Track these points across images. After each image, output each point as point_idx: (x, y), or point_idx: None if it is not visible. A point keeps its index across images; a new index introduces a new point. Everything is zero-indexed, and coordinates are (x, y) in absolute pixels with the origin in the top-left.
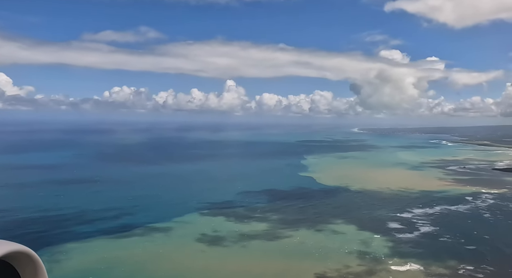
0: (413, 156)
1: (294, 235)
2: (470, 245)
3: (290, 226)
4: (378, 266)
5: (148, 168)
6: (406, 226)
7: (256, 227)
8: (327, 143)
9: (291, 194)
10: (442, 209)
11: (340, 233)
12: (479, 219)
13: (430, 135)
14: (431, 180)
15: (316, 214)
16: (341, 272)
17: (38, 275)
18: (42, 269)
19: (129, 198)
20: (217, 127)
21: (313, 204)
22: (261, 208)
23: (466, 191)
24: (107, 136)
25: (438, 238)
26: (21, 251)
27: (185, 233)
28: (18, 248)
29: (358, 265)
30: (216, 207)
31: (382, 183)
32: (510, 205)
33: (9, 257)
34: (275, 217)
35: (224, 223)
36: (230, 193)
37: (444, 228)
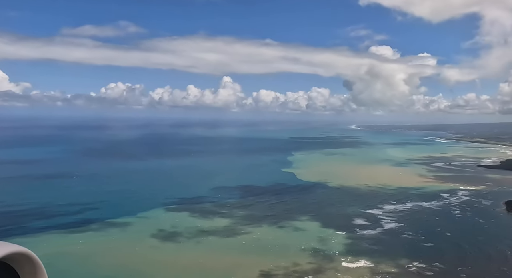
0: (402, 152)
1: (254, 231)
2: (429, 242)
3: (254, 222)
4: (329, 263)
5: (132, 163)
6: (372, 222)
7: (218, 223)
8: (320, 139)
9: (267, 190)
10: (414, 205)
11: (302, 229)
12: (447, 216)
13: (426, 132)
14: (412, 177)
15: (286, 211)
16: (288, 270)
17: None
18: (42, 270)
19: (99, 193)
20: (214, 123)
21: (286, 200)
22: (231, 204)
23: (443, 188)
24: (100, 132)
25: (399, 235)
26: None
27: (142, 228)
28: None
29: (308, 262)
30: (185, 203)
31: (362, 180)
32: (483, 202)
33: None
34: (242, 213)
35: (187, 219)
36: (204, 189)
37: (409, 224)
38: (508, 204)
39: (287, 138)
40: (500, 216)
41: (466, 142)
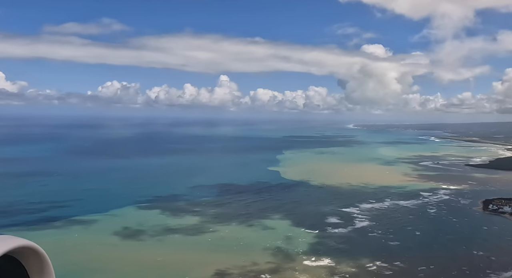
0: (393, 151)
1: (222, 230)
2: (397, 241)
3: (224, 221)
4: (289, 262)
5: (117, 161)
6: (345, 221)
7: (188, 221)
8: (314, 138)
9: (248, 189)
10: (391, 204)
11: (272, 228)
12: (421, 215)
13: (422, 131)
14: (397, 176)
15: (261, 209)
16: (244, 269)
17: (44, 270)
18: (48, 264)
19: (74, 191)
20: (210, 122)
21: (264, 199)
22: (206, 202)
23: (425, 187)
24: (94, 131)
25: (368, 234)
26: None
27: (107, 226)
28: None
29: (267, 262)
30: (160, 200)
31: (346, 178)
32: (462, 201)
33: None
34: (215, 211)
35: (156, 217)
36: (184, 187)
37: (381, 223)
38: (485, 203)
39: (280, 137)
40: (474, 215)
41: (460, 141)
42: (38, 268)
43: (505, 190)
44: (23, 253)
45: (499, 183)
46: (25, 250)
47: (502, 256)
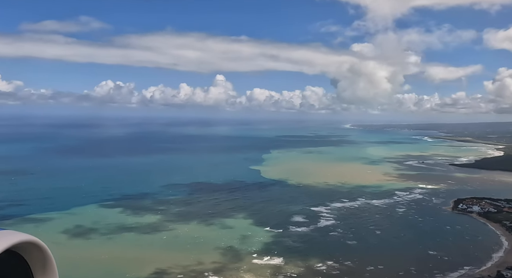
0: (382, 151)
1: (180, 228)
2: (355, 240)
3: (186, 219)
4: (236, 262)
5: (100, 160)
6: (310, 220)
7: (147, 219)
8: (306, 138)
9: (223, 187)
10: (362, 203)
11: (231, 227)
12: (389, 214)
13: (418, 131)
14: (377, 175)
15: (229, 208)
16: (187, 268)
17: (47, 265)
18: (51, 259)
19: (43, 190)
20: (207, 122)
21: (235, 198)
22: (175, 201)
23: (402, 186)
24: (87, 130)
25: (329, 233)
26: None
27: (59, 224)
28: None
29: (213, 261)
30: (127, 199)
31: (325, 177)
32: (435, 200)
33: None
34: (179, 210)
35: (115, 215)
36: (158, 185)
37: (345, 222)
38: (456, 202)
39: (273, 136)
40: (441, 214)
41: (453, 141)
42: (40, 263)
43: (481, 189)
44: (25, 248)
45: (478, 182)
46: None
47: (455, 256)
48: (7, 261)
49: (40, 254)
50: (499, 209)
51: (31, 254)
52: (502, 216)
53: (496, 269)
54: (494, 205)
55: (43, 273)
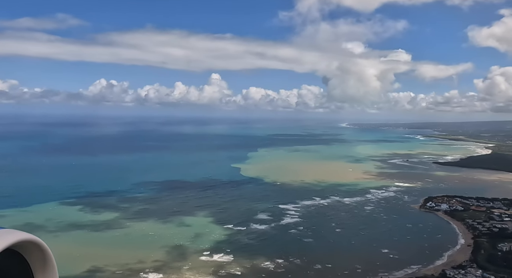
0: (370, 149)
1: (135, 226)
2: (312, 238)
3: (145, 217)
4: (181, 260)
5: (81, 158)
6: (274, 217)
7: (104, 217)
8: (298, 136)
9: (196, 185)
10: (333, 201)
11: (189, 225)
12: (356, 212)
13: (412, 130)
14: (357, 173)
15: (195, 206)
16: (125, 266)
17: (47, 264)
18: (51, 258)
19: (8, 187)
20: (203, 121)
21: (206, 195)
22: (141, 198)
23: (378, 184)
24: (77, 129)
25: (288, 230)
26: (30, 240)
27: (8, 221)
28: (27, 237)
29: (156, 260)
30: (92, 196)
31: (304, 175)
32: (406, 198)
33: (18, 246)
34: (143, 207)
35: (71, 213)
36: (130, 183)
37: (308, 220)
38: (426, 200)
39: (265, 135)
40: (408, 212)
41: (445, 139)
42: (40, 262)
43: (456, 187)
44: (25, 247)
45: (456, 180)
46: (27, 244)
47: (407, 254)
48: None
49: (40, 253)
50: (466, 207)
51: (31, 253)
52: (468, 214)
53: (441, 268)
54: (463, 203)
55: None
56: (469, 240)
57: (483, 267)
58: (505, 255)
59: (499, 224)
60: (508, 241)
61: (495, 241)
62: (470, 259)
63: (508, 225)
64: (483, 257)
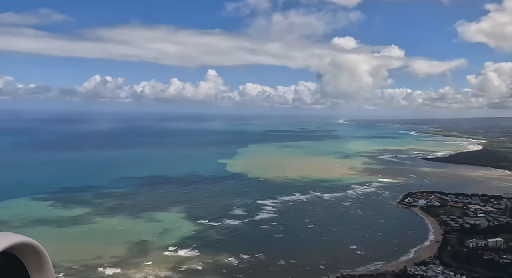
0: (361, 145)
1: (104, 221)
2: (283, 233)
3: (116, 212)
4: (143, 255)
5: (66, 154)
6: (249, 213)
7: (73, 212)
8: (292, 132)
9: (178, 181)
10: (313, 197)
11: (159, 220)
12: (333, 208)
13: (408, 126)
14: (343, 169)
15: (170, 202)
16: (82, 262)
17: (43, 266)
18: (47, 260)
19: None
20: (200, 117)
21: (186, 191)
22: (117, 194)
23: (362, 180)
24: (71, 125)
25: (260, 226)
26: (27, 243)
27: None
28: (23, 239)
29: (117, 255)
30: (67, 192)
31: (289, 171)
32: (386, 194)
33: (15, 249)
34: (116, 203)
35: (40, 208)
36: (110, 178)
37: (283, 215)
38: (405, 196)
39: (259, 131)
40: (385, 208)
41: (438, 135)
42: (37, 265)
43: (439, 183)
44: (22, 249)
45: (441, 176)
46: (24, 247)
47: (374, 251)
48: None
49: (36, 256)
50: (443, 203)
51: (28, 256)
52: (444, 210)
53: (404, 265)
54: (442, 199)
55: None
56: (439, 236)
57: (445, 263)
58: (470, 251)
59: (472, 220)
60: (477, 237)
61: (464, 237)
62: (434, 256)
63: (480, 221)
64: (448, 253)
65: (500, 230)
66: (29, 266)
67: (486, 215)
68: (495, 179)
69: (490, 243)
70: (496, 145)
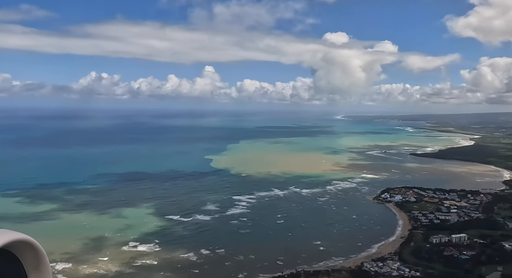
0: (353, 141)
1: (69, 217)
2: (250, 229)
3: (83, 208)
4: (99, 250)
5: (52, 150)
6: (222, 208)
7: (38, 208)
8: (287, 128)
9: (159, 177)
10: (290, 192)
11: (126, 216)
12: (307, 203)
13: (405, 122)
14: (328, 165)
15: (144, 197)
16: None
17: (40, 264)
18: (44, 258)
19: None
20: (199, 114)
21: (164, 187)
22: (92, 190)
23: (344, 176)
24: (65, 122)
25: (229, 221)
26: (23, 240)
27: None
28: (20, 237)
29: (70, 251)
30: (39, 188)
31: (272, 167)
32: (364, 189)
33: (11, 246)
34: (87, 199)
35: (4, 204)
36: (89, 175)
37: (255, 211)
38: (383, 191)
39: (253, 127)
40: (359, 204)
41: (433, 131)
42: (34, 262)
43: (421, 178)
44: (19, 247)
45: (425, 171)
46: (21, 244)
47: (337, 247)
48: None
49: (33, 253)
50: (419, 199)
51: (25, 253)
52: (418, 206)
53: (361, 261)
54: (419, 195)
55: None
56: (406, 232)
57: (404, 259)
58: (432, 247)
59: (444, 215)
60: (443, 233)
61: (431, 233)
62: (395, 252)
63: (451, 217)
64: (409, 249)
65: (468, 225)
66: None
67: (458, 211)
68: (478, 175)
69: (454, 239)
70: (488, 140)
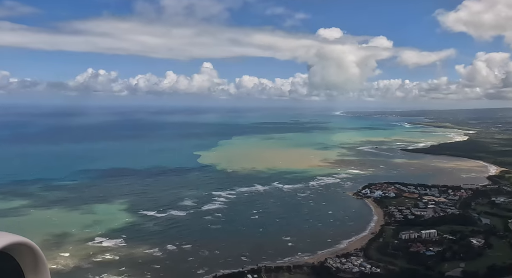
0: (347, 136)
1: (36, 214)
2: (222, 224)
3: (55, 204)
4: (61, 247)
5: (40, 147)
6: (198, 204)
7: (7, 205)
8: (282, 124)
9: (141, 173)
10: (272, 188)
11: (97, 212)
12: (286, 199)
13: (404, 117)
14: (316, 160)
15: (121, 193)
16: None
17: (39, 266)
18: (43, 260)
19: None
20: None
21: (144, 184)
22: (69, 186)
23: (329, 171)
24: (60, 119)
25: (203, 217)
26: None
27: None
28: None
29: None
30: (13, 184)
31: (259, 163)
32: (347, 185)
33: (10, 249)
34: (62, 195)
35: None
36: (70, 171)
37: (231, 207)
38: (364, 187)
39: (249, 123)
40: (338, 199)
41: (430, 127)
42: (32, 265)
43: (406, 174)
44: (17, 249)
45: (411, 167)
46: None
47: (305, 242)
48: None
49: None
50: (399, 194)
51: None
52: (396, 202)
53: (325, 257)
54: (400, 190)
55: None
56: (378, 228)
57: (368, 255)
58: (400, 243)
59: (419, 211)
60: (415, 228)
61: (402, 229)
62: (361, 248)
63: (427, 212)
64: (376, 245)
65: (441, 221)
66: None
67: (435, 206)
68: (465, 170)
69: (424, 235)
70: (483, 136)
